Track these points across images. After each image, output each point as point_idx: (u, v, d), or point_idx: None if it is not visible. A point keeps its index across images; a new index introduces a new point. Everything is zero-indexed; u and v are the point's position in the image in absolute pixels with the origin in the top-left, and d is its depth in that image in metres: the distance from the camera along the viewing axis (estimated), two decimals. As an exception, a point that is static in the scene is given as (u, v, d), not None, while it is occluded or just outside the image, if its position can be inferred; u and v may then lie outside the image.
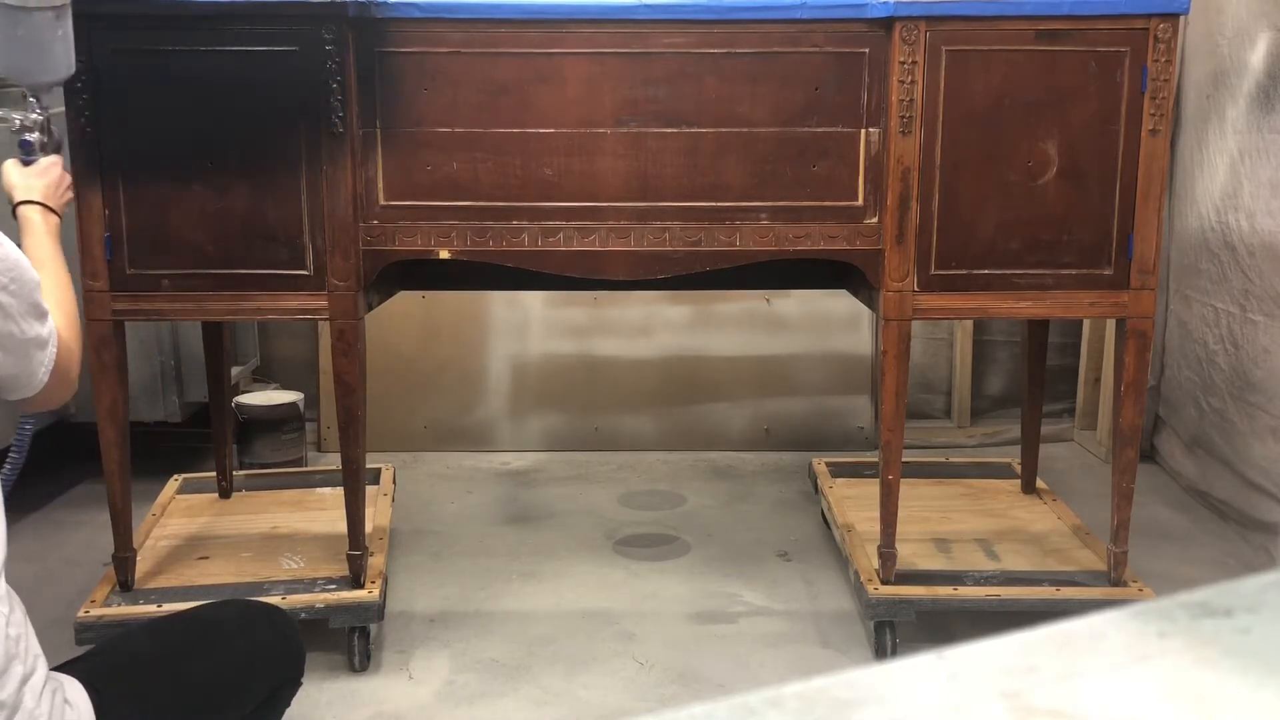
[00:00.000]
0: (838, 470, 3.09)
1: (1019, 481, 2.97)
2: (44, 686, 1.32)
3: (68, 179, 1.84)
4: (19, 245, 1.65)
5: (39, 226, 1.70)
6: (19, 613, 1.35)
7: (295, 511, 2.80)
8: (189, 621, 1.64)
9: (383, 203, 2.26)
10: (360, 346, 2.30)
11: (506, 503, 3.31)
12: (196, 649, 1.57)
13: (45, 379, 1.43)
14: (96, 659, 1.51)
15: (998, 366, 3.88)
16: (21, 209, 1.72)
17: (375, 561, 2.47)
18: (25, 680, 1.30)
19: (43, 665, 1.35)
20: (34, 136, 1.86)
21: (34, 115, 1.88)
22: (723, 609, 2.65)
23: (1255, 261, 2.95)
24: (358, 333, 2.28)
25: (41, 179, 1.77)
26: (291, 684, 1.69)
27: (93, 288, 2.22)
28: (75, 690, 1.39)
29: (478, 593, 2.72)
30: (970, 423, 3.83)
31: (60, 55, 1.88)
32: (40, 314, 1.41)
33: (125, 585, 2.38)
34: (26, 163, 1.82)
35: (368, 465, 2.43)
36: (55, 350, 1.44)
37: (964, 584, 2.41)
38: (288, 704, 1.69)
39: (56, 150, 1.90)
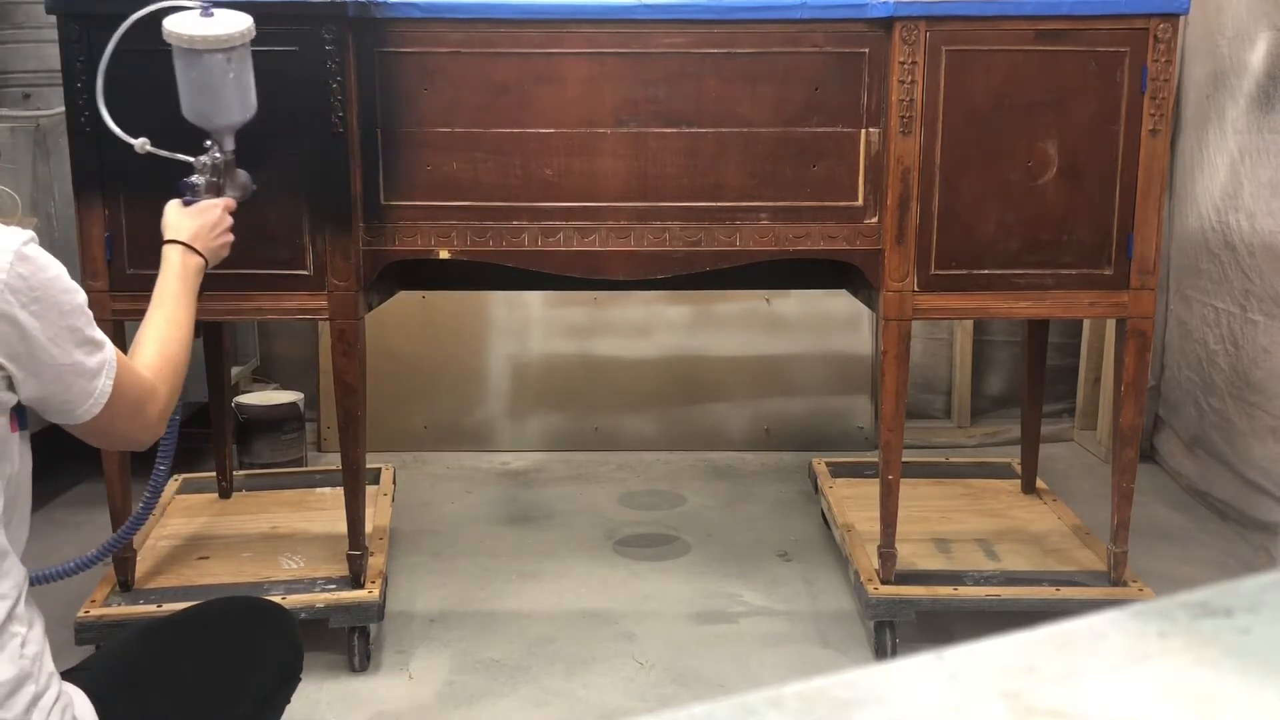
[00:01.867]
0: (838, 470, 3.09)
1: (1019, 481, 2.97)
2: (54, 704, 1.32)
3: (226, 223, 1.84)
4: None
5: (173, 266, 1.70)
6: (38, 629, 1.35)
7: (295, 511, 2.80)
8: (186, 623, 1.64)
9: (383, 203, 2.26)
10: (360, 346, 2.30)
11: (506, 503, 3.31)
12: (196, 651, 1.57)
13: (94, 411, 1.39)
14: (97, 667, 1.50)
15: (998, 366, 3.88)
16: (165, 247, 1.73)
17: (375, 561, 2.47)
18: (35, 700, 1.29)
19: (56, 683, 1.34)
20: (198, 179, 1.87)
21: (203, 158, 1.90)
22: (723, 609, 2.65)
23: (1255, 261, 2.95)
24: (358, 333, 2.28)
25: (193, 220, 1.78)
26: (291, 681, 1.69)
27: (93, 288, 2.22)
28: (83, 704, 1.38)
29: (478, 593, 2.72)
30: (970, 423, 3.83)
31: (233, 99, 1.90)
32: (84, 342, 1.36)
33: (125, 585, 2.38)
34: (187, 203, 1.83)
35: (368, 465, 2.43)
36: (110, 384, 1.39)
37: (964, 584, 2.41)
38: (288, 701, 1.69)
39: (241, 193, 1.91)
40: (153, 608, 2.28)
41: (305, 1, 2.15)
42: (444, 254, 2.29)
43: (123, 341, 2.31)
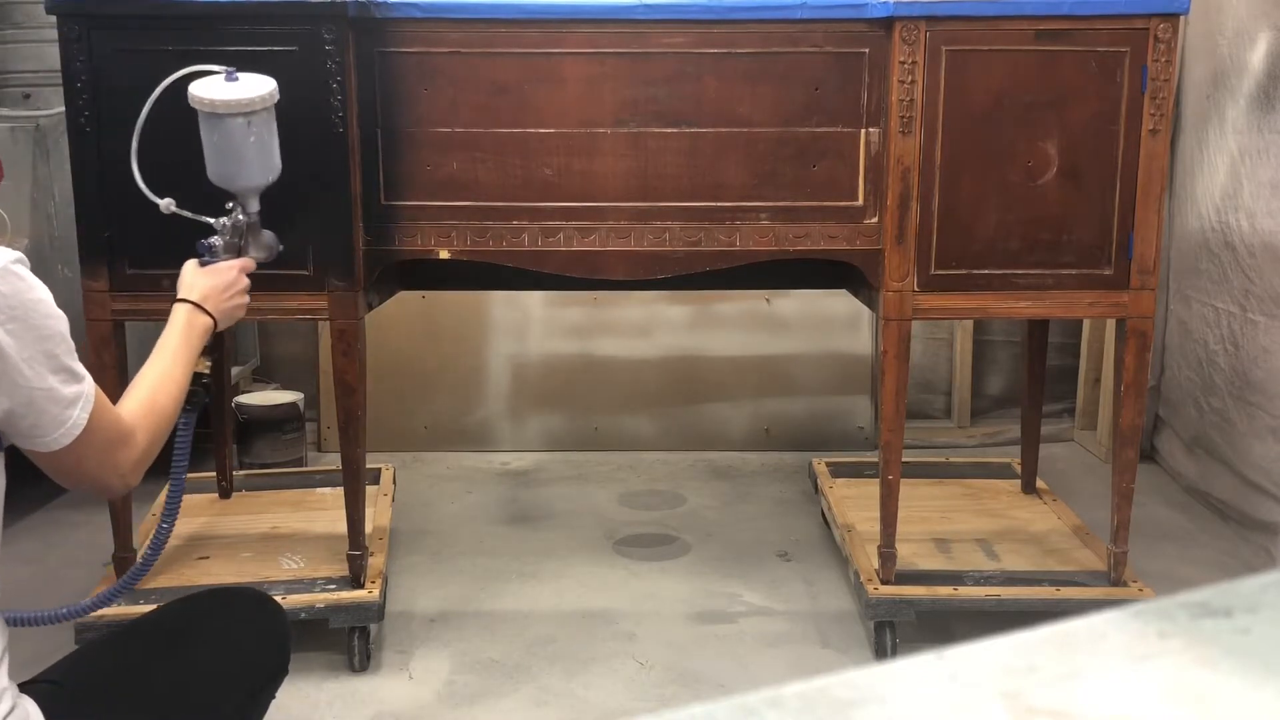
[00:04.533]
0: (838, 470, 3.09)
1: (1019, 481, 2.97)
2: (8, 715, 1.29)
3: (241, 284, 1.84)
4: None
5: (178, 323, 1.70)
6: (0, 641, 1.32)
7: (295, 511, 2.80)
8: (155, 627, 1.59)
9: (383, 203, 2.26)
10: (360, 346, 2.30)
11: (506, 503, 3.31)
12: (163, 658, 1.51)
13: (64, 441, 1.36)
14: (58, 676, 1.45)
15: (998, 366, 3.88)
16: (176, 305, 1.73)
17: (375, 561, 2.47)
18: None
19: (10, 697, 1.31)
20: (216, 240, 1.90)
21: (223, 219, 1.93)
22: (723, 609, 2.65)
23: (1255, 261, 2.95)
24: (358, 333, 2.28)
25: (206, 279, 1.78)
26: (276, 676, 1.63)
27: (93, 288, 2.22)
28: (39, 718, 1.34)
29: (478, 593, 2.72)
30: (970, 423, 3.83)
31: (254, 161, 1.94)
32: (61, 369, 1.34)
33: (125, 585, 2.38)
34: (205, 263, 1.84)
35: (368, 465, 2.43)
36: (85, 417, 1.37)
37: (964, 584, 2.41)
38: (273, 696, 1.64)
39: (266, 254, 1.95)
40: (152, 608, 2.28)
41: (305, 1, 2.15)
42: (444, 254, 2.29)
43: (123, 342, 2.31)
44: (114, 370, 2.26)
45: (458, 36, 2.21)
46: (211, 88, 1.91)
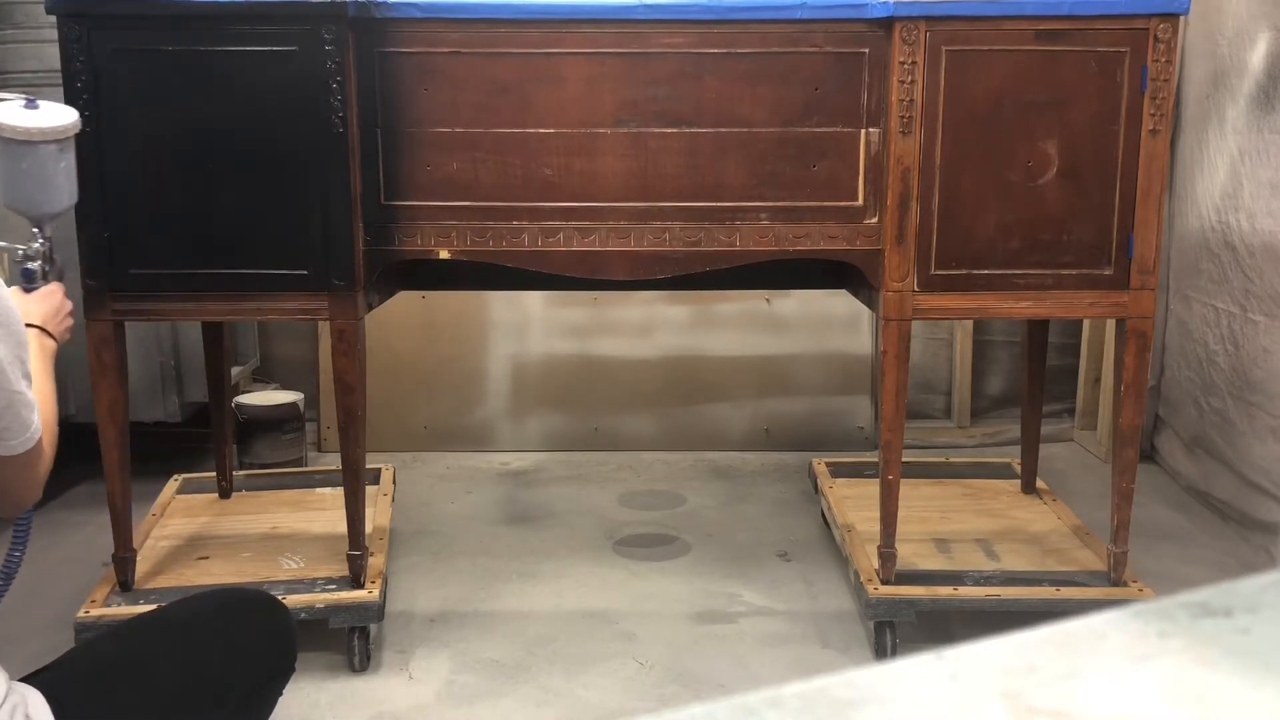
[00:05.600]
0: (838, 470, 3.09)
1: (1019, 481, 2.97)
2: (3, 703, 1.29)
3: (68, 306, 1.87)
4: None
5: (32, 348, 1.71)
6: None
7: (295, 511, 2.80)
8: (158, 621, 1.60)
9: (383, 203, 2.26)
10: (360, 346, 2.30)
11: (506, 503, 3.31)
12: (165, 650, 1.52)
13: (28, 445, 1.39)
14: (61, 668, 1.47)
15: (998, 366, 3.88)
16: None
17: (375, 561, 2.47)
18: None
19: (2, 682, 1.32)
20: (36, 265, 1.91)
21: (36, 245, 1.93)
22: (723, 609, 2.65)
23: (1255, 261, 2.95)
24: (358, 333, 2.28)
25: (41, 305, 1.80)
26: (280, 676, 1.64)
27: (92, 288, 2.22)
28: (37, 704, 1.35)
29: (478, 593, 2.72)
30: (970, 423, 3.83)
31: (63, 187, 1.93)
32: (27, 375, 1.38)
33: (125, 585, 2.38)
34: (28, 290, 1.86)
35: (368, 465, 2.43)
36: (40, 424, 1.40)
37: (964, 584, 2.41)
38: (279, 694, 1.64)
39: (59, 278, 1.95)
40: (152, 608, 2.28)
41: (305, 1, 2.15)
42: (444, 254, 2.29)
43: (123, 342, 2.31)
44: (114, 370, 2.27)
45: (458, 36, 2.21)
46: (17, 115, 1.88)
